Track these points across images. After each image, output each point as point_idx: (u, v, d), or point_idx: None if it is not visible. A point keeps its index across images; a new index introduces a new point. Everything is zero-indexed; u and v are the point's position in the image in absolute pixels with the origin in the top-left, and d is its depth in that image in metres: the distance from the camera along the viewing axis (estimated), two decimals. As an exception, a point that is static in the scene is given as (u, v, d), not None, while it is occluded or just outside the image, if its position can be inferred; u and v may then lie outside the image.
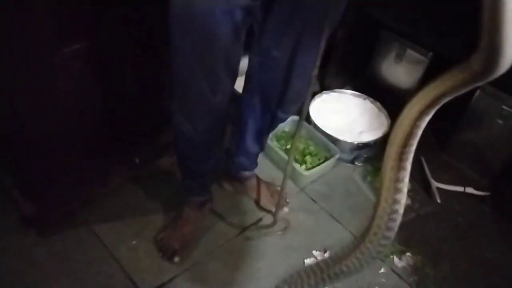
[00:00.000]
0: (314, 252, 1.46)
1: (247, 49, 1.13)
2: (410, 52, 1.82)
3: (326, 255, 1.45)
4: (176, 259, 1.37)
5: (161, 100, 1.49)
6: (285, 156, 1.64)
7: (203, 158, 1.31)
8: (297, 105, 1.28)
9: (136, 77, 1.38)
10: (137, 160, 1.54)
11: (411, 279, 1.44)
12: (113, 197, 1.51)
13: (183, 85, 1.09)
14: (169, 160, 1.64)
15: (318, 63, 1.07)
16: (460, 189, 1.76)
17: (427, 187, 1.74)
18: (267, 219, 1.54)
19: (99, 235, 1.40)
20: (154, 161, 1.63)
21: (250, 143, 1.44)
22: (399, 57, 1.86)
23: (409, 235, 1.55)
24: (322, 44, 1.03)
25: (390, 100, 1.89)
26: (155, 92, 1.47)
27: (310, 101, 1.20)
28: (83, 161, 1.40)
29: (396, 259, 1.48)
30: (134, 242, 1.40)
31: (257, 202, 1.58)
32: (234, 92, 1.18)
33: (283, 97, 1.23)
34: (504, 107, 1.62)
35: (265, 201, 1.56)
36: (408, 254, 1.50)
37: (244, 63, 1.17)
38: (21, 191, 1.35)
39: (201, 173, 1.37)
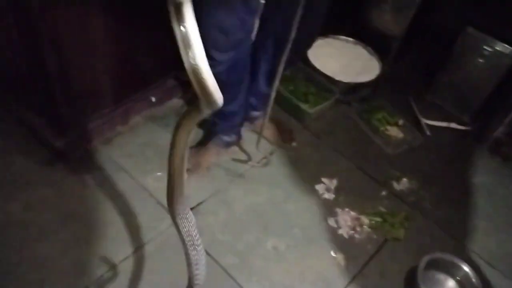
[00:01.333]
0: (323, 179, 1.61)
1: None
2: (399, -2, 1.95)
3: (334, 181, 1.60)
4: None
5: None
6: (289, 96, 1.75)
7: (230, 98, 1.37)
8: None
9: (149, 25, 1.42)
10: (153, 99, 1.60)
11: (409, 200, 1.62)
12: (133, 135, 1.58)
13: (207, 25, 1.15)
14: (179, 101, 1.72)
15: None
16: (445, 124, 1.94)
17: (416, 123, 1.91)
18: (277, 154, 1.66)
19: (124, 168, 1.48)
20: (167, 101, 1.69)
21: (262, 83, 1.52)
22: (387, 3, 1.98)
23: (404, 164, 1.72)
24: None
25: (380, 45, 2.03)
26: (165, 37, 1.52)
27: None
28: (107, 100, 1.45)
29: (395, 184, 1.65)
30: (159, 173, 1.49)
31: (268, 139, 1.68)
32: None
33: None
34: (485, 47, 1.79)
35: (275, 137, 1.68)
36: (404, 179, 1.68)
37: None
38: (52, 127, 1.40)
39: (229, 113, 1.45)
